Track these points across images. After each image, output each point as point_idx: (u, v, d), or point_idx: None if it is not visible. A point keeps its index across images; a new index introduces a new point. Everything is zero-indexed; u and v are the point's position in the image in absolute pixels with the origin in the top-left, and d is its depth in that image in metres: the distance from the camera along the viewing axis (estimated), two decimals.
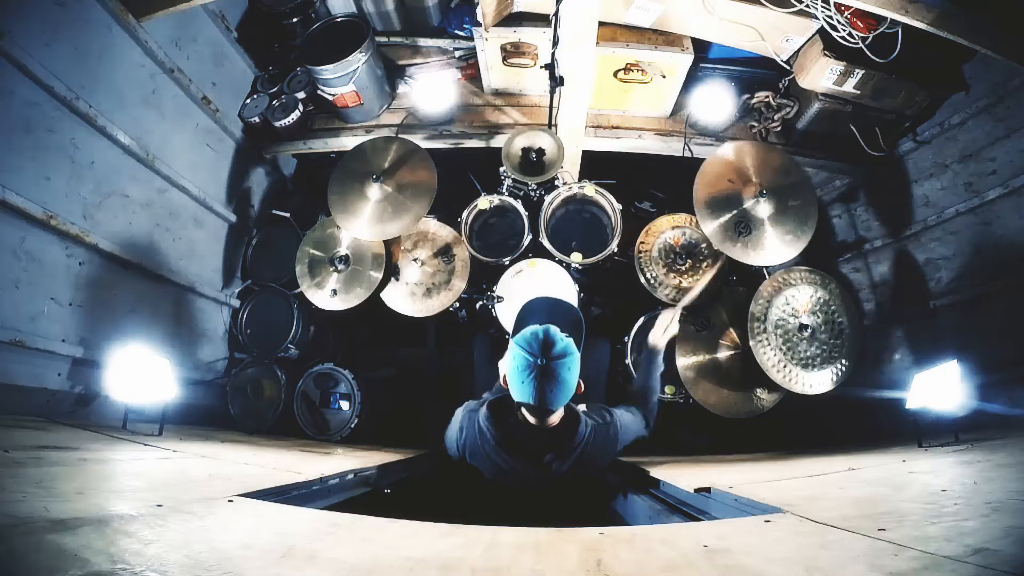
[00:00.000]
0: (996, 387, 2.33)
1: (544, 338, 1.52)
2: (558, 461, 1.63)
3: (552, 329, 1.56)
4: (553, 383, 1.50)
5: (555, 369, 1.49)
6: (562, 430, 1.63)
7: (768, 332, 2.59)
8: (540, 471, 1.64)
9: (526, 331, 1.57)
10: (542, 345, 1.51)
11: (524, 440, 1.63)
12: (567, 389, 1.54)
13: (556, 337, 1.54)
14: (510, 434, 1.64)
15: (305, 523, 1.18)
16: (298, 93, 3.40)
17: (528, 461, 1.64)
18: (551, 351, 1.50)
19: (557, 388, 1.51)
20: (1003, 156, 2.71)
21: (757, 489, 1.50)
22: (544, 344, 1.51)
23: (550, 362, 1.49)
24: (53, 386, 2.28)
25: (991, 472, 1.42)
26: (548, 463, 1.63)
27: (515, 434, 1.63)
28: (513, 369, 1.54)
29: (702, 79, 3.32)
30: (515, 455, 1.65)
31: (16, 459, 1.36)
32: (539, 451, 1.63)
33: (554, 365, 1.49)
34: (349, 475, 1.84)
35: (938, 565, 0.84)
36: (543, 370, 1.49)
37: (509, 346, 1.58)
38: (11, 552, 0.81)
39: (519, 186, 3.02)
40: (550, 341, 1.52)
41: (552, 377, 1.50)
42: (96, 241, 2.47)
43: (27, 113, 2.19)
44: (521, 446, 1.64)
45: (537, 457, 1.63)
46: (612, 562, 0.95)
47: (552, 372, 1.49)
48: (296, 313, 3.23)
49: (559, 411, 1.60)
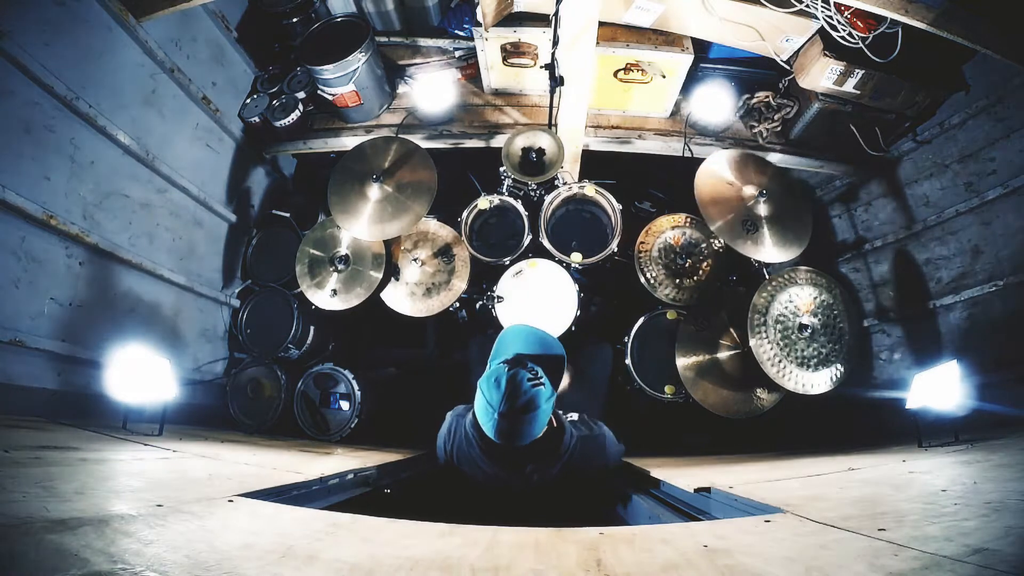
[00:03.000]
0: (996, 387, 2.33)
1: (508, 387, 1.43)
2: (540, 471, 1.62)
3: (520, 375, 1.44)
4: (513, 435, 1.45)
5: (516, 424, 1.43)
6: (545, 441, 1.59)
7: (768, 326, 2.59)
8: (522, 480, 1.62)
9: (492, 371, 1.48)
10: (504, 395, 1.42)
11: (506, 450, 1.59)
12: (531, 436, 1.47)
13: (522, 387, 1.42)
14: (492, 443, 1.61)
15: (305, 523, 1.18)
16: (298, 93, 3.41)
17: (510, 470, 1.63)
18: (515, 403, 1.41)
19: (518, 438, 1.46)
20: (1003, 156, 2.71)
21: (757, 489, 1.50)
22: (508, 395, 1.42)
23: (512, 413, 1.42)
24: (53, 386, 2.28)
25: (991, 472, 1.42)
26: (529, 473, 1.62)
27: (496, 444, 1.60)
28: (477, 407, 1.50)
29: (702, 79, 3.32)
30: (498, 463, 1.63)
31: (16, 459, 1.36)
32: (521, 461, 1.61)
33: (516, 418, 1.42)
34: (349, 475, 1.84)
35: (938, 565, 0.84)
36: (501, 421, 1.43)
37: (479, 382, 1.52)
38: (11, 552, 0.81)
39: (519, 186, 3.02)
40: (515, 392, 1.42)
41: (512, 429, 1.44)
42: (96, 241, 2.47)
43: (27, 113, 2.19)
44: (504, 455, 1.61)
45: (519, 467, 1.62)
46: (612, 562, 0.94)
47: (512, 425, 1.43)
48: (296, 313, 3.23)
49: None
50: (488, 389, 1.46)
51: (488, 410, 1.46)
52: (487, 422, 1.47)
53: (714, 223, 2.69)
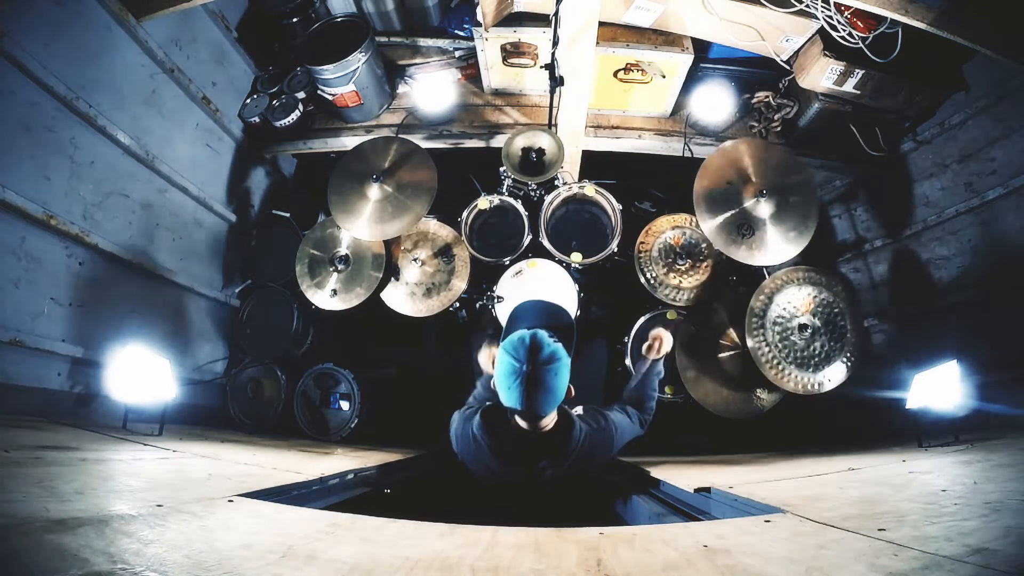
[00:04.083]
0: (996, 387, 2.33)
1: (531, 343, 1.47)
2: (553, 467, 1.62)
3: (540, 333, 1.51)
4: (540, 389, 1.47)
5: (542, 375, 1.46)
6: (556, 435, 1.60)
7: (766, 328, 2.59)
8: (535, 478, 1.62)
9: (513, 336, 1.52)
10: (528, 351, 1.46)
11: (518, 447, 1.61)
12: (555, 395, 1.50)
13: (544, 342, 1.49)
14: (503, 442, 1.62)
15: (305, 523, 1.18)
16: (298, 93, 3.41)
17: (523, 468, 1.63)
18: (538, 357, 1.46)
19: (545, 394, 1.48)
20: (1003, 156, 2.71)
21: (757, 489, 1.50)
22: (531, 350, 1.46)
23: (536, 368, 1.45)
24: (53, 386, 2.28)
25: (991, 472, 1.42)
26: (543, 469, 1.62)
27: (509, 442, 1.62)
28: (500, 374, 1.51)
29: (702, 79, 3.32)
30: (509, 462, 1.63)
31: (16, 459, 1.36)
32: (534, 458, 1.62)
33: (541, 371, 1.45)
34: (349, 475, 1.84)
35: (938, 565, 0.84)
36: (529, 376, 1.45)
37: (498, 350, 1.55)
38: (11, 552, 0.81)
39: (519, 186, 3.02)
40: (537, 346, 1.47)
41: (539, 383, 1.46)
42: (96, 241, 2.47)
43: (27, 113, 2.19)
44: (515, 453, 1.62)
45: (532, 464, 1.62)
46: (612, 562, 0.94)
47: (539, 378, 1.45)
48: (296, 313, 3.22)
49: (551, 415, 1.58)
50: (513, 349, 1.49)
51: (514, 368, 1.47)
52: (512, 384, 1.47)
53: (707, 225, 2.67)
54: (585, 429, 1.68)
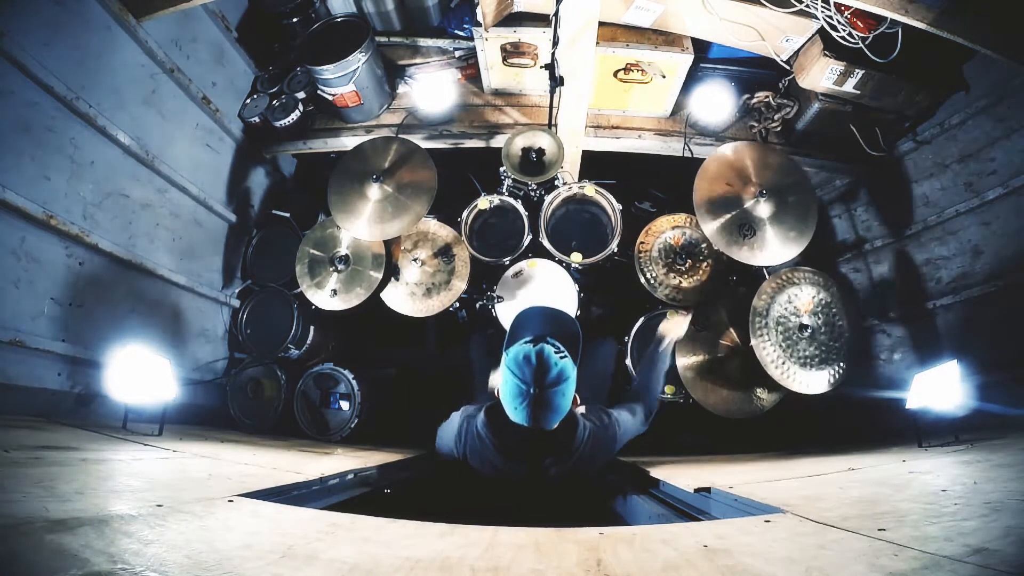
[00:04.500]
0: (996, 387, 2.33)
1: (538, 363, 1.44)
2: (557, 464, 1.62)
3: (546, 350, 1.47)
4: (547, 409, 1.45)
5: (549, 397, 1.43)
6: (560, 434, 1.61)
7: (769, 328, 2.59)
8: (540, 476, 1.63)
9: (519, 351, 1.49)
10: (535, 372, 1.43)
11: (523, 446, 1.61)
12: (562, 411, 1.49)
13: (550, 360, 1.45)
14: (508, 439, 1.62)
15: (305, 523, 1.18)
16: (298, 93, 3.41)
17: (528, 466, 1.63)
18: (545, 378, 1.43)
19: (552, 413, 1.47)
20: (1003, 156, 2.71)
21: (757, 489, 1.50)
22: (537, 371, 1.43)
23: (544, 391, 1.42)
24: (53, 386, 2.28)
25: (991, 472, 1.42)
26: (548, 467, 1.62)
27: (513, 440, 1.62)
28: (506, 392, 1.49)
29: (702, 79, 3.32)
30: (514, 460, 1.64)
31: (16, 459, 1.36)
32: (538, 455, 1.62)
33: (548, 394, 1.43)
34: (349, 475, 1.84)
35: (938, 565, 0.84)
36: (536, 399, 1.43)
37: (502, 363, 1.52)
38: (11, 552, 0.81)
39: (519, 186, 3.02)
40: (544, 366, 1.44)
41: (546, 404, 1.44)
42: (96, 241, 2.47)
43: (27, 113, 2.18)
44: (520, 451, 1.62)
45: (537, 462, 1.62)
46: (612, 562, 0.94)
47: (546, 400, 1.43)
48: (296, 313, 3.22)
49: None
50: (519, 368, 1.45)
51: (520, 390, 1.44)
52: (519, 405, 1.45)
53: (708, 227, 2.68)
54: (589, 427, 1.68)
